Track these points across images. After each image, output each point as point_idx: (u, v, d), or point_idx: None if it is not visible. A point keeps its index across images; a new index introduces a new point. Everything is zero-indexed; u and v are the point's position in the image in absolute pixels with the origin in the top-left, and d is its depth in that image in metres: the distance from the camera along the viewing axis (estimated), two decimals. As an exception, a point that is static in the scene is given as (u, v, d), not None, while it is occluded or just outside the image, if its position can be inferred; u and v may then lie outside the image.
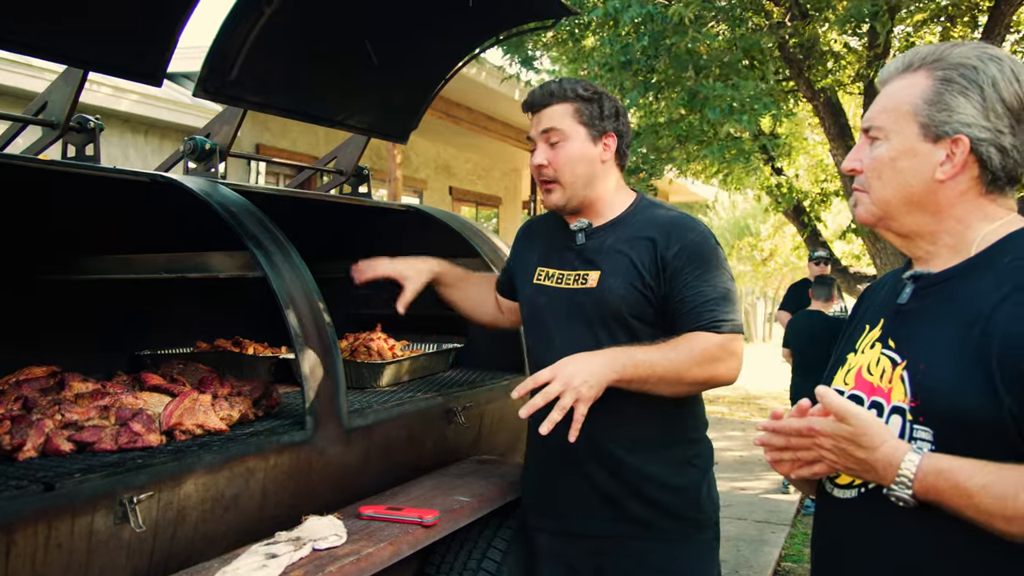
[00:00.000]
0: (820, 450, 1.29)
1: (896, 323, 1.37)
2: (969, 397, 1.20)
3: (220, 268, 2.30)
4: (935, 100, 1.29)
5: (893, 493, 1.23)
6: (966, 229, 1.32)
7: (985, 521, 1.16)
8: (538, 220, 2.40)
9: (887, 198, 1.35)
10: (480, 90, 8.86)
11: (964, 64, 1.29)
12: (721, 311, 2.00)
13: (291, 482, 2.03)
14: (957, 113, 1.28)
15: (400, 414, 2.43)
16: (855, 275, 9.86)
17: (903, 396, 1.29)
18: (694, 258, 2.03)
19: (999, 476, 1.15)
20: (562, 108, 2.08)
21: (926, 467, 1.20)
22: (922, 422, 1.25)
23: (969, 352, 1.22)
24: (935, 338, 1.29)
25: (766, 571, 4.74)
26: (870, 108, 1.40)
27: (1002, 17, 7.70)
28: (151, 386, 2.20)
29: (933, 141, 1.30)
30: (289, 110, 2.96)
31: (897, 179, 1.33)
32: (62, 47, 2.23)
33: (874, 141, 1.37)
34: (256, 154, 8.17)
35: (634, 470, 2.05)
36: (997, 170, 1.29)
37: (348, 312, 3.68)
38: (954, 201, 1.31)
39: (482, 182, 13.04)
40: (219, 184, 2.48)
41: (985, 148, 1.28)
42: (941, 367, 1.25)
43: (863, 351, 1.41)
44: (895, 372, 1.31)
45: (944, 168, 1.30)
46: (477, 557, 2.31)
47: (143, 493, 1.64)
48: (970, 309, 1.25)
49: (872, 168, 1.36)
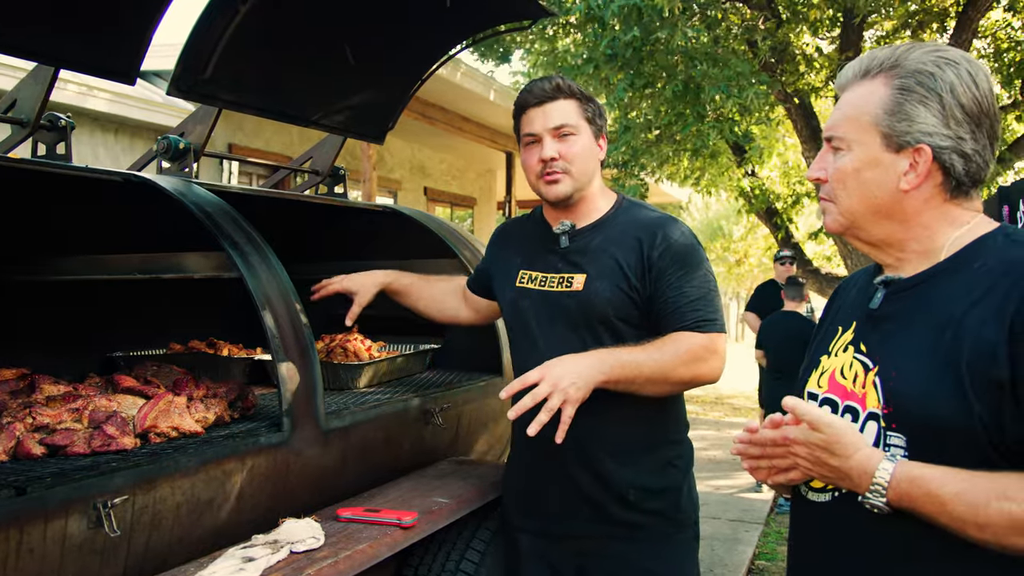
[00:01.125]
0: (795, 458, 1.30)
1: (868, 328, 1.37)
2: (940, 403, 1.20)
3: (195, 269, 2.27)
4: (895, 110, 1.29)
5: (868, 501, 1.24)
6: (934, 235, 1.32)
7: (958, 528, 1.17)
8: (514, 223, 2.39)
9: (853, 208, 1.35)
10: (456, 91, 8.83)
11: (921, 71, 1.28)
12: (705, 311, 2.02)
13: (268, 484, 2.01)
14: (917, 123, 1.28)
15: (378, 415, 2.41)
16: (826, 276, 9.97)
17: (876, 402, 1.29)
18: (678, 259, 2.04)
19: (971, 484, 1.16)
20: (569, 104, 2.09)
21: (900, 475, 1.21)
22: (895, 428, 1.26)
23: (940, 358, 1.22)
24: (906, 344, 1.29)
25: (740, 569, 4.77)
26: (831, 116, 1.40)
27: (969, 23, 7.83)
28: (125, 388, 2.17)
29: (895, 151, 1.30)
30: (265, 109, 2.94)
31: (862, 190, 1.33)
32: (32, 44, 2.19)
33: (837, 151, 1.37)
34: (229, 153, 8.09)
35: (617, 472, 2.05)
36: (960, 176, 1.29)
37: (325, 313, 3.65)
38: (920, 209, 1.31)
39: (457, 183, 13.02)
40: (194, 184, 2.45)
41: (947, 156, 1.28)
42: (912, 373, 1.26)
43: (836, 354, 1.42)
44: (867, 377, 1.32)
45: (908, 178, 1.30)
46: (455, 558, 2.30)
47: (117, 497, 1.62)
48: (941, 315, 1.25)
49: (837, 179, 1.36)
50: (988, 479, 1.15)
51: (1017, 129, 9.64)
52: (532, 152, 2.10)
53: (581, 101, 2.11)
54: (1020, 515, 1.12)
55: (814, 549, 1.40)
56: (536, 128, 2.08)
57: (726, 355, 2.06)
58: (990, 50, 9.57)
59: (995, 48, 9.47)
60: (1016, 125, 9.73)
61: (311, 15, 2.66)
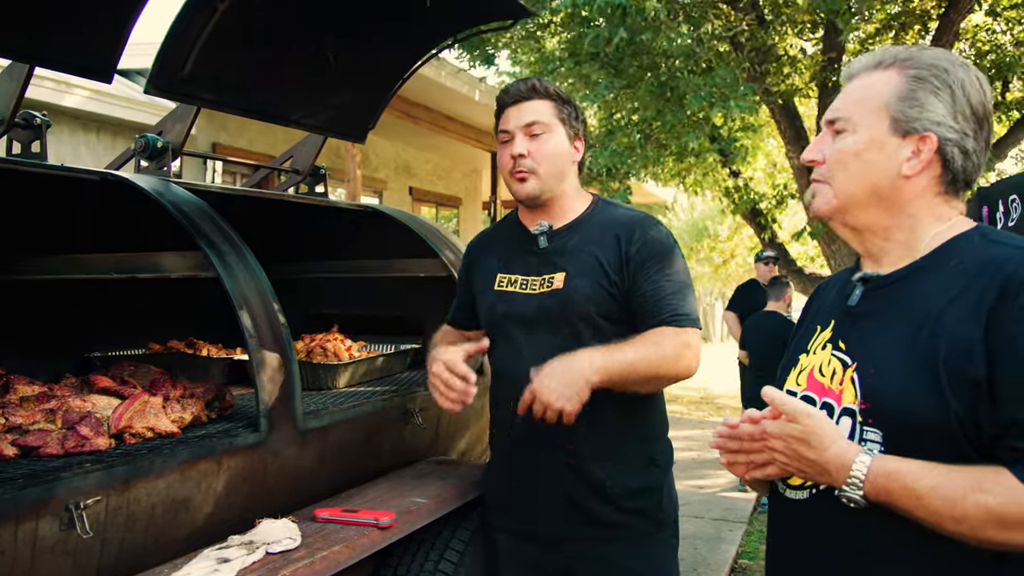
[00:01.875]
0: (772, 452, 1.31)
1: (846, 325, 1.39)
2: (917, 400, 1.21)
3: (172, 268, 2.26)
4: (908, 96, 1.31)
5: (844, 494, 1.25)
6: (917, 226, 1.34)
7: (935, 522, 1.18)
8: (488, 233, 2.39)
9: (850, 190, 1.36)
10: (440, 90, 8.82)
11: (936, 65, 1.32)
12: (681, 306, 2.03)
13: (244, 485, 2.00)
14: (928, 111, 1.30)
15: (356, 415, 2.41)
16: (810, 276, 10.01)
17: (853, 398, 1.30)
18: (655, 254, 2.06)
19: (947, 478, 1.17)
20: (544, 104, 2.10)
21: (877, 469, 1.22)
22: (872, 424, 1.27)
23: (917, 355, 1.24)
24: (884, 341, 1.30)
25: (723, 568, 4.79)
26: (837, 100, 1.41)
27: (951, 25, 7.89)
28: (100, 388, 2.16)
29: (902, 136, 1.32)
30: (244, 108, 2.92)
31: (863, 171, 1.34)
32: (7, 41, 2.17)
33: (839, 133, 1.38)
34: (212, 153, 8.05)
35: (600, 472, 2.05)
36: (958, 171, 1.32)
37: (305, 313, 3.65)
38: (913, 198, 1.33)
39: (442, 183, 13.00)
40: (171, 183, 2.43)
41: (950, 148, 1.30)
42: (890, 370, 1.27)
43: (815, 352, 1.43)
44: (846, 374, 1.33)
45: (911, 164, 1.32)
46: (434, 559, 2.30)
47: (90, 498, 1.61)
48: (918, 312, 1.27)
49: (837, 159, 1.37)
50: (964, 473, 1.16)
51: (998, 130, 9.72)
52: (505, 149, 2.12)
53: (556, 102, 2.12)
54: (995, 507, 1.13)
55: (792, 546, 1.41)
56: (510, 125, 2.10)
57: (700, 350, 2.07)
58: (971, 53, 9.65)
59: (976, 51, 9.54)
60: (997, 127, 9.82)
61: (291, 14, 2.65)
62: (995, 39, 9.32)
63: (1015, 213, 4.25)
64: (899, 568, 1.26)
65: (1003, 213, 4.38)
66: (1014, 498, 1.12)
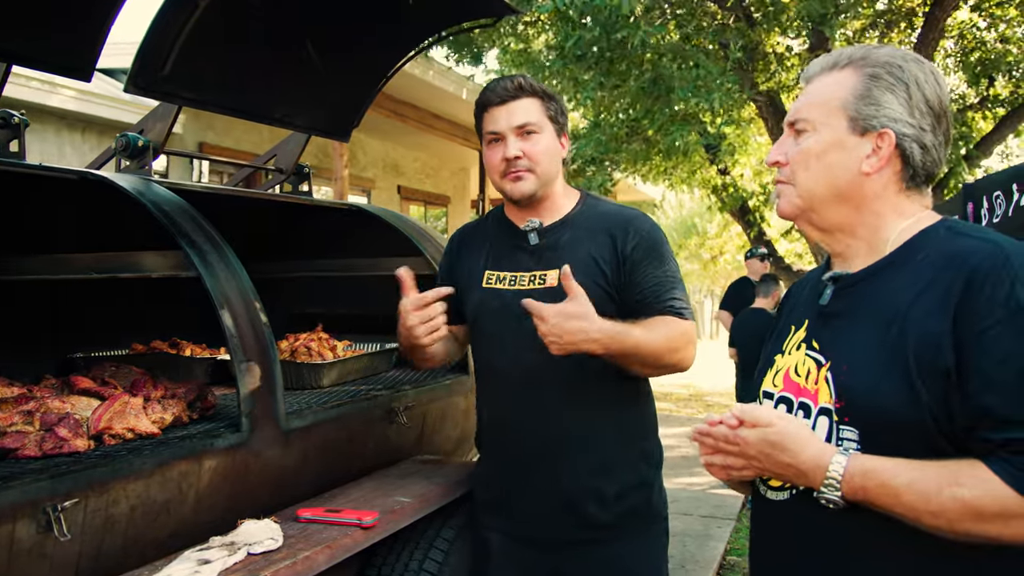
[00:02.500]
0: (749, 459, 1.31)
1: (819, 325, 1.39)
2: (889, 395, 1.22)
3: (152, 268, 2.24)
4: (864, 95, 1.32)
5: (823, 496, 1.25)
6: (882, 223, 1.35)
7: (912, 517, 1.18)
8: (470, 228, 2.35)
9: (813, 190, 1.37)
10: (427, 89, 8.81)
11: (890, 63, 1.33)
12: (680, 299, 2.06)
13: (226, 486, 1.99)
14: (884, 108, 1.31)
15: (340, 415, 2.40)
16: (798, 273, 10.04)
17: (829, 397, 1.31)
18: (651, 250, 2.07)
19: (923, 473, 1.17)
20: (532, 102, 2.08)
21: (853, 468, 1.22)
22: (847, 422, 1.27)
23: (888, 351, 1.24)
24: (855, 338, 1.31)
25: (712, 565, 4.80)
26: (796, 102, 1.42)
27: (936, 22, 7.93)
28: (80, 389, 2.14)
29: (860, 134, 1.33)
30: (226, 107, 2.91)
31: (825, 171, 1.35)
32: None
33: (800, 134, 1.39)
34: (199, 152, 8.01)
35: (594, 470, 2.05)
36: (918, 166, 1.33)
37: (290, 312, 3.63)
38: (877, 194, 1.34)
39: (431, 181, 12.99)
40: (152, 182, 2.42)
41: (909, 144, 1.31)
42: (862, 367, 1.27)
43: (790, 352, 1.43)
44: (820, 373, 1.33)
45: (870, 161, 1.32)
46: (419, 558, 2.29)
47: (68, 500, 1.59)
48: (887, 308, 1.27)
49: (799, 160, 1.38)
50: (939, 467, 1.17)
51: (984, 128, 9.78)
52: (495, 150, 2.09)
53: (543, 99, 2.10)
54: (971, 500, 1.14)
55: (774, 547, 1.42)
56: (500, 127, 2.07)
57: (696, 344, 2.09)
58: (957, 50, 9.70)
59: (961, 48, 9.59)
60: (983, 124, 9.87)
61: (272, 12, 2.63)
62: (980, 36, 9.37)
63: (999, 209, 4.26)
64: (881, 567, 1.26)
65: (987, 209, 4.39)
66: (989, 490, 1.13)
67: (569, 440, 2.04)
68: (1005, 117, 9.25)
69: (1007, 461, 1.13)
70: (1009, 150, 11.16)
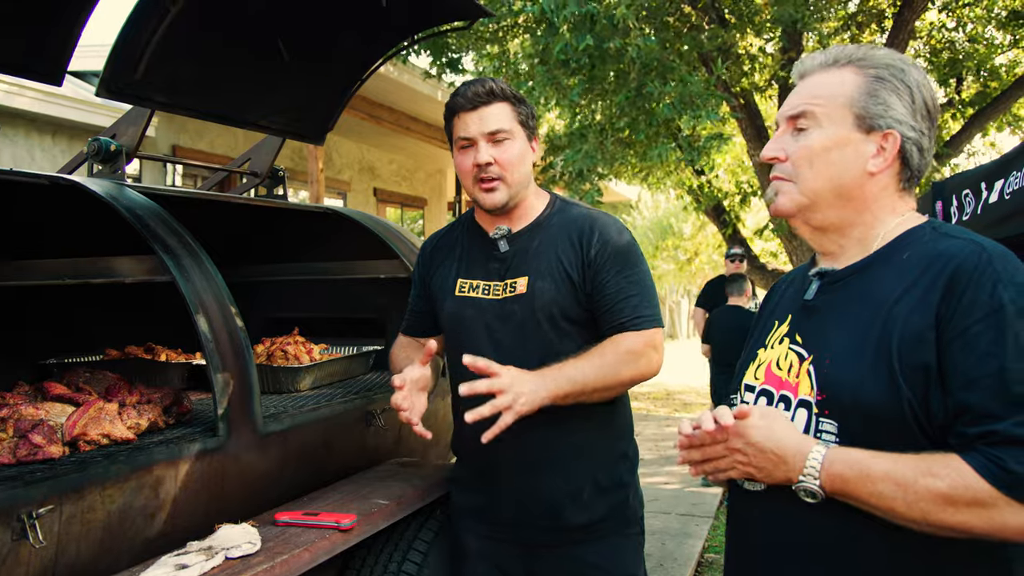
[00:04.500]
0: (733, 453, 1.33)
1: (803, 319, 1.41)
2: (871, 389, 1.24)
3: (126, 273, 2.23)
4: (871, 94, 1.34)
5: (802, 486, 1.27)
6: (877, 222, 1.37)
7: (888, 508, 1.21)
8: (441, 235, 2.33)
9: (818, 188, 1.37)
10: (402, 91, 8.79)
11: (893, 66, 1.35)
12: (642, 307, 2.04)
13: (203, 491, 1.99)
14: (892, 109, 1.33)
15: (317, 418, 2.39)
16: (773, 272, 10.13)
17: (809, 390, 1.33)
18: (615, 255, 2.06)
19: (899, 465, 1.20)
20: (503, 108, 2.06)
21: (831, 459, 1.25)
22: (827, 415, 1.30)
23: (871, 345, 1.26)
24: (839, 333, 1.33)
25: (690, 563, 4.83)
26: (794, 97, 1.41)
27: (905, 24, 8.03)
28: (55, 396, 2.13)
29: (866, 132, 1.34)
30: (199, 110, 2.89)
31: (830, 169, 1.36)
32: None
33: (800, 131, 1.38)
34: (172, 156, 7.95)
35: (570, 473, 2.06)
36: (915, 168, 1.36)
37: (266, 316, 3.62)
38: (877, 195, 1.36)
39: (407, 183, 12.96)
40: (125, 187, 2.40)
41: (910, 146, 1.34)
42: (845, 361, 1.29)
43: (772, 346, 1.45)
44: (802, 367, 1.35)
45: (876, 161, 1.34)
46: (398, 560, 2.29)
47: (42, 507, 1.59)
48: (871, 303, 1.30)
49: (802, 156, 1.38)
50: (915, 459, 1.19)
51: (953, 127, 9.91)
52: (467, 156, 2.07)
53: (514, 104, 2.09)
54: (945, 491, 1.16)
55: (752, 537, 1.43)
56: (471, 132, 2.05)
57: (663, 348, 2.09)
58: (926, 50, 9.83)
59: (930, 48, 9.72)
60: (952, 123, 10.01)
61: (246, 15, 2.62)
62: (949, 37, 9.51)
63: (968, 208, 4.32)
64: (858, 557, 1.28)
65: (956, 208, 4.45)
66: (963, 480, 1.15)
67: (545, 443, 2.05)
68: (973, 116, 9.39)
69: (981, 452, 1.16)
70: (975, 148, 11.32)
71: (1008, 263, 1.23)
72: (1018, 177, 3.68)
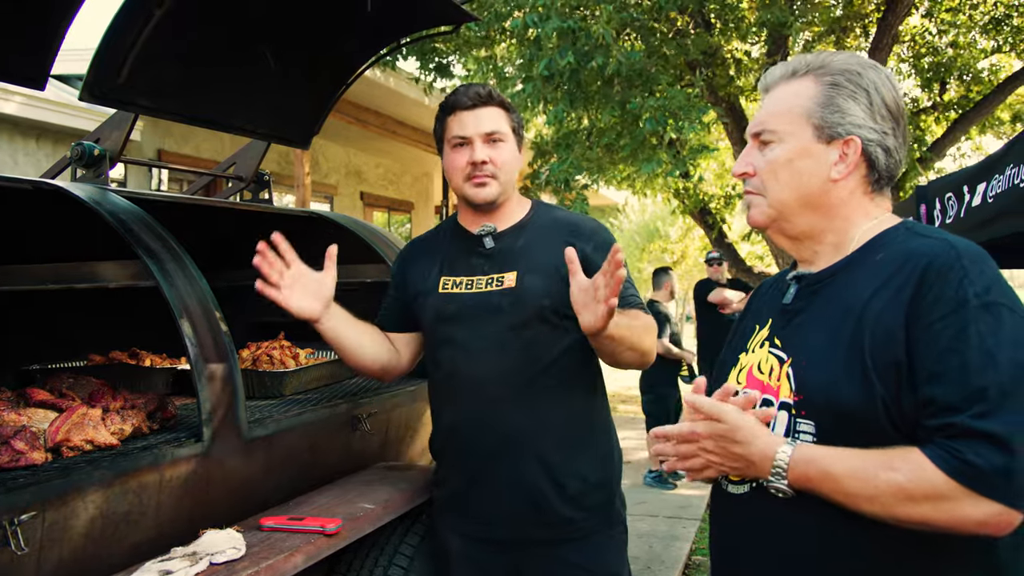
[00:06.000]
0: (705, 454, 1.34)
1: (781, 323, 1.43)
2: (845, 389, 1.26)
3: (110, 278, 2.22)
4: (827, 103, 1.36)
5: (772, 484, 1.29)
6: (849, 227, 1.39)
7: (853, 503, 1.22)
8: (423, 238, 2.38)
9: (785, 199, 1.40)
10: (389, 95, 8.79)
11: (848, 70, 1.37)
12: (640, 298, 2.14)
13: (188, 496, 1.98)
14: (849, 115, 1.35)
15: (302, 423, 2.39)
16: (759, 275, 10.18)
17: (789, 392, 1.34)
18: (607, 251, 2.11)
19: (862, 460, 1.22)
20: (497, 112, 2.14)
21: (798, 457, 1.27)
22: (805, 416, 1.31)
23: (845, 346, 1.28)
24: (815, 334, 1.35)
25: (677, 565, 4.84)
26: (759, 113, 1.45)
27: (889, 28, 8.10)
28: (37, 402, 2.12)
29: (827, 142, 1.37)
30: (184, 115, 2.88)
31: (795, 180, 1.39)
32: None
33: (766, 145, 1.42)
34: (158, 160, 7.91)
35: (552, 468, 2.08)
36: (882, 170, 1.38)
37: (253, 321, 3.60)
38: (845, 200, 1.39)
39: (394, 187, 12.95)
40: (109, 191, 2.39)
41: (874, 148, 1.36)
42: (820, 362, 1.31)
43: (753, 351, 1.47)
44: (782, 370, 1.37)
45: (838, 168, 1.37)
46: (384, 564, 2.29)
47: (24, 514, 1.57)
48: (846, 304, 1.32)
49: (768, 170, 1.41)
50: (877, 454, 1.21)
51: (936, 131, 9.99)
52: (460, 154, 2.13)
53: (508, 111, 2.18)
54: (904, 484, 1.18)
55: (735, 539, 1.44)
56: (468, 131, 2.11)
57: None
58: (909, 55, 9.91)
59: (914, 53, 9.81)
60: (935, 127, 10.09)
61: (230, 19, 2.62)
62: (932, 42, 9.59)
63: (952, 211, 4.35)
64: (840, 559, 1.29)
65: (940, 211, 4.48)
66: (920, 474, 1.17)
67: (527, 439, 2.06)
68: (957, 120, 9.47)
69: (939, 445, 1.17)
70: (962, 152, 11.42)
71: (977, 261, 1.24)
72: (1001, 180, 3.71)
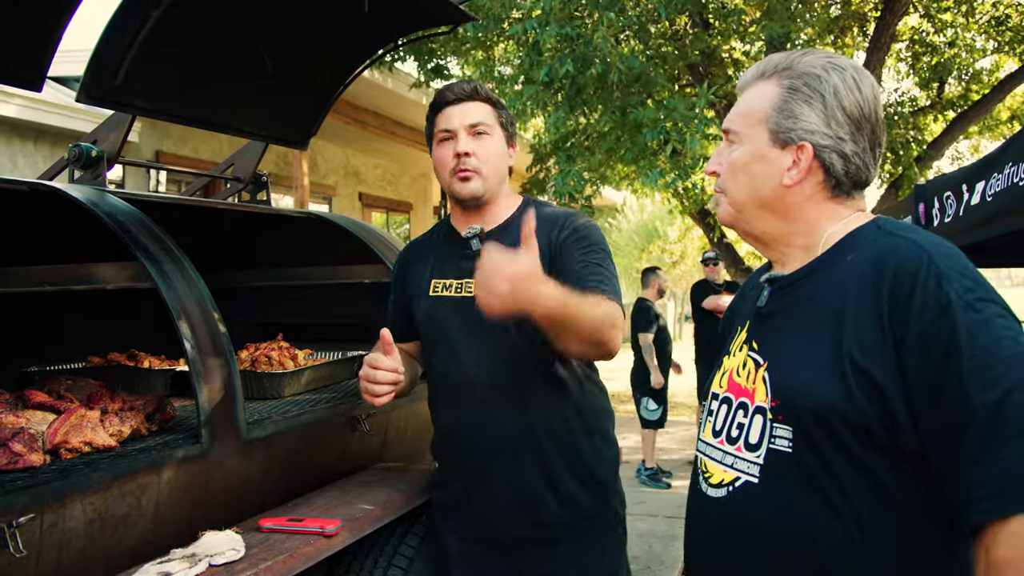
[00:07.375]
0: None
1: (758, 326, 1.43)
2: (822, 392, 1.24)
3: (108, 279, 2.21)
4: (781, 108, 1.35)
5: None
6: (812, 230, 1.38)
7: None
8: (418, 241, 2.38)
9: (741, 200, 1.41)
10: (388, 95, 8.79)
11: (809, 73, 1.35)
12: (608, 282, 2.01)
13: (187, 498, 1.97)
14: (801, 121, 1.34)
15: (301, 424, 2.38)
16: (757, 274, 10.17)
17: (764, 396, 1.33)
18: (581, 238, 2.10)
19: None
20: (484, 106, 2.15)
21: None
22: (781, 421, 1.29)
23: (821, 349, 1.27)
24: (790, 338, 1.34)
25: (676, 565, 4.85)
26: (729, 112, 1.46)
27: (887, 27, 8.10)
28: (36, 403, 2.11)
29: (781, 147, 1.36)
30: (181, 116, 2.88)
31: (750, 183, 1.39)
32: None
33: (731, 144, 1.43)
34: (156, 161, 7.90)
35: (550, 467, 2.07)
36: (840, 175, 1.35)
37: (251, 322, 3.61)
38: (802, 204, 1.37)
39: (392, 188, 12.95)
40: (106, 193, 2.39)
41: (828, 154, 1.34)
42: (796, 366, 1.30)
43: (734, 353, 1.47)
44: (758, 373, 1.36)
45: (791, 173, 1.36)
46: (383, 565, 2.29)
47: (23, 516, 1.57)
48: (819, 307, 1.30)
49: (728, 171, 1.43)
50: None
51: (935, 129, 9.99)
52: (446, 147, 2.13)
53: (495, 107, 2.17)
54: None
55: (711, 542, 1.43)
56: (453, 124, 2.12)
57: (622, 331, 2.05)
58: (908, 54, 9.91)
59: (912, 52, 9.81)
60: (934, 126, 10.09)
61: (228, 20, 2.62)
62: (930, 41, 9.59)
63: (950, 210, 4.35)
64: (817, 562, 1.27)
65: (939, 210, 4.48)
66: None
67: (521, 440, 2.06)
68: (955, 119, 9.47)
69: None
70: (960, 152, 11.42)
71: (949, 258, 1.22)
72: (1000, 179, 3.71)
